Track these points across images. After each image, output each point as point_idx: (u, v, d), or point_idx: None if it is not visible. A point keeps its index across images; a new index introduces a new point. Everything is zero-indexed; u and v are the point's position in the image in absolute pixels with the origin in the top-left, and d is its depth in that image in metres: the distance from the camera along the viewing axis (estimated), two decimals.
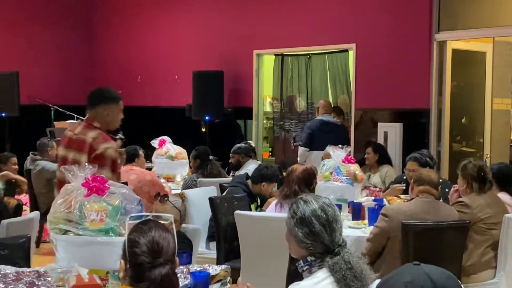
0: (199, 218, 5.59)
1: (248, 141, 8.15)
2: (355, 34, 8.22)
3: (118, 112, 4.15)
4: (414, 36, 7.69)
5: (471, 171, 4.59)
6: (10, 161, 6.75)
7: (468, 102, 8.14)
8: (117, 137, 4.49)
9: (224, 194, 5.72)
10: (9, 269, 2.89)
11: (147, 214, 2.71)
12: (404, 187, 5.56)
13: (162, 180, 7.04)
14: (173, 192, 6.78)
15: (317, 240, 2.50)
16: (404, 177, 6.03)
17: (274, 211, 4.64)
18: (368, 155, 7.10)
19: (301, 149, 7.96)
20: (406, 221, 4.07)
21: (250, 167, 6.60)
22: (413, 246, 4.05)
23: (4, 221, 4.15)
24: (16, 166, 6.86)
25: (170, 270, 2.25)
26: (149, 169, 7.42)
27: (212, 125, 9.55)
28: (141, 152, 6.75)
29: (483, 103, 8.15)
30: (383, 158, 7.10)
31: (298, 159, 7.78)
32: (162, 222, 2.46)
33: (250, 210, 5.21)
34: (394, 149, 7.67)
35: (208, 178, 6.63)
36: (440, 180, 5.00)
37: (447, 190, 5.40)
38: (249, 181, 5.53)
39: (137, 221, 2.43)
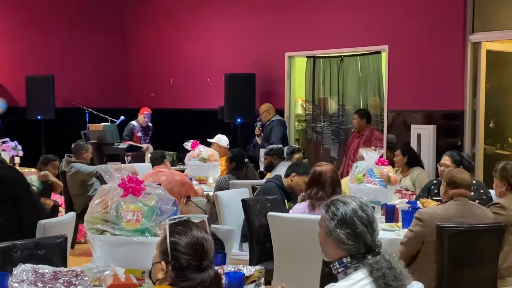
0: (232, 220, 5.61)
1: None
2: (387, 35, 8.17)
3: None
4: (448, 37, 7.61)
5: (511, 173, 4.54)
6: (51, 164, 6.84)
7: (503, 104, 8.03)
8: None
9: (258, 190, 5.77)
10: (47, 269, 2.94)
11: (183, 216, 2.72)
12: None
13: (194, 182, 7.08)
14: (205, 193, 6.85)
15: (359, 240, 2.48)
16: (435, 181, 5.95)
17: (304, 213, 4.63)
18: (397, 157, 7.00)
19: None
20: (441, 223, 4.03)
21: (283, 169, 6.58)
22: (448, 249, 4.00)
23: (41, 222, 4.20)
24: (56, 170, 6.93)
25: (215, 272, 2.27)
26: (182, 171, 7.47)
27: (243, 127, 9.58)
28: (167, 157, 6.84)
29: None
30: (413, 161, 6.98)
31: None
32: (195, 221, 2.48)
33: (284, 208, 5.19)
34: (428, 151, 7.60)
35: (241, 180, 6.65)
36: (474, 182, 4.92)
37: (482, 191, 5.33)
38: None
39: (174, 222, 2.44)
